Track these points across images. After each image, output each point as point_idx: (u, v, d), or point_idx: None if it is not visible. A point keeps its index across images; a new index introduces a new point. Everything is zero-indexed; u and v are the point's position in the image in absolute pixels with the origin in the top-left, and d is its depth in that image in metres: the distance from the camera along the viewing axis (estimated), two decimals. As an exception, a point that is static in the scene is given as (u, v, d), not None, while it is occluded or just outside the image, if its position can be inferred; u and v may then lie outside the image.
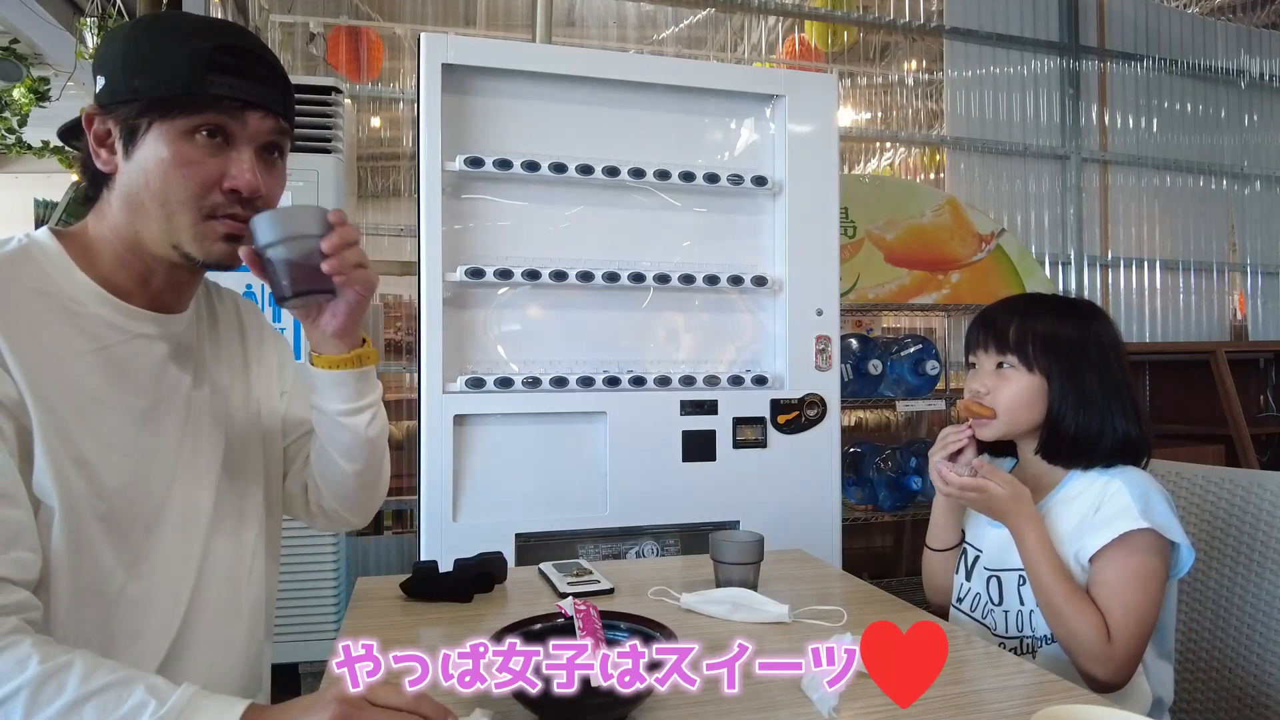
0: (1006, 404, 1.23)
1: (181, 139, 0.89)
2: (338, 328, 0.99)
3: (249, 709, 0.75)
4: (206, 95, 0.88)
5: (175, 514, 0.97)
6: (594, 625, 0.94)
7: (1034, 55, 3.99)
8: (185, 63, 0.88)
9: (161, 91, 0.88)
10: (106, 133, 0.92)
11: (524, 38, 3.49)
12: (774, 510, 2.24)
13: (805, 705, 0.92)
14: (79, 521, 0.86)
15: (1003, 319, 1.26)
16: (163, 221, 0.91)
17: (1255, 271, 4.44)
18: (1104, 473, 1.20)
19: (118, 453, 0.91)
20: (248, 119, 0.92)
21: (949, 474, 1.20)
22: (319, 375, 1.02)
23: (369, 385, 1.05)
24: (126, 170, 0.91)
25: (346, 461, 1.08)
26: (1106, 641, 1.10)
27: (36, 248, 0.91)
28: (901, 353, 3.16)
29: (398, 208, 3.38)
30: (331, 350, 1.01)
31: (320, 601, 2.47)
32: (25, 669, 0.73)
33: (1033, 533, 1.17)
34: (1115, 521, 1.13)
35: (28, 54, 3.53)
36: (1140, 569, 1.12)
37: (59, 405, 0.86)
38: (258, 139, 0.94)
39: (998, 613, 1.27)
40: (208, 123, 0.90)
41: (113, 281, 0.94)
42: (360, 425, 1.05)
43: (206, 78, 0.88)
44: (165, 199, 0.90)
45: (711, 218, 2.35)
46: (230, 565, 1.03)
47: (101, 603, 0.89)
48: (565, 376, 2.17)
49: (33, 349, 0.85)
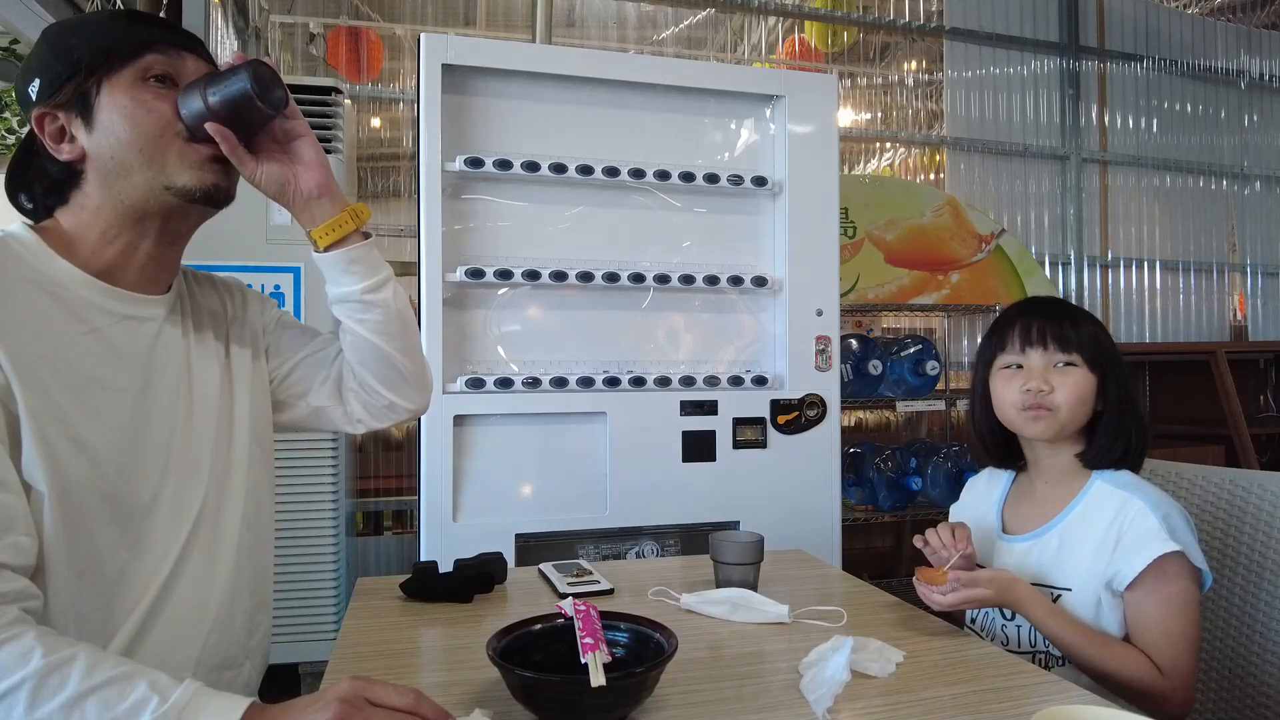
0: (1071, 400, 1.21)
1: (135, 86, 0.94)
2: (318, 180, 1.02)
3: (250, 707, 0.75)
4: (139, 40, 0.95)
5: (170, 493, 0.97)
6: (594, 626, 0.94)
7: (1034, 55, 3.99)
8: (108, 22, 0.98)
9: (99, 47, 0.93)
10: (60, 128, 0.95)
11: (524, 38, 3.49)
12: (774, 510, 2.24)
13: (804, 706, 0.92)
14: (76, 503, 0.86)
15: (1055, 319, 1.25)
16: (147, 167, 0.94)
17: (1255, 272, 4.44)
18: (1121, 488, 1.20)
19: (116, 432, 0.92)
20: (186, 60, 0.98)
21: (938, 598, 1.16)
22: (330, 261, 1.05)
23: (379, 260, 1.09)
24: (94, 142, 0.94)
25: (386, 341, 1.10)
26: (1159, 676, 1.10)
27: (15, 240, 0.92)
28: (901, 353, 3.16)
29: (398, 208, 3.38)
30: (326, 214, 1.04)
31: (320, 601, 2.47)
32: (28, 662, 0.72)
33: (1037, 610, 1.15)
34: (1148, 545, 1.12)
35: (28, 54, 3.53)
36: (1178, 596, 1.11)
37: (52, 388, 0.86)
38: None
39: (1011, 627, 1.26)
40: (153, 66, 0.95)
41: (97, 264, 0.95)
42: (388, 298, 1.08)
43: (133, 28, 0.97)
44: (142, 143, 0.93)
45: (711, 218, 2.35)
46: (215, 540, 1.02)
47: (101, 583, 0.89)
48: (565, 377, 2.17)
49: (19, 334, 0.85)
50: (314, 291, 2.44)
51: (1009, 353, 1.27)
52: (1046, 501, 1.28)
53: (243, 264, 2.36)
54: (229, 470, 1.05)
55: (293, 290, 2.43)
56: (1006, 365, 1.27)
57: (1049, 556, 1.23)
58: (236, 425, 1.08)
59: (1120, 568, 1.14)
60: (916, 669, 1.04)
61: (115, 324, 0.95)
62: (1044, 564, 1.23)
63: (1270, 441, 3.93)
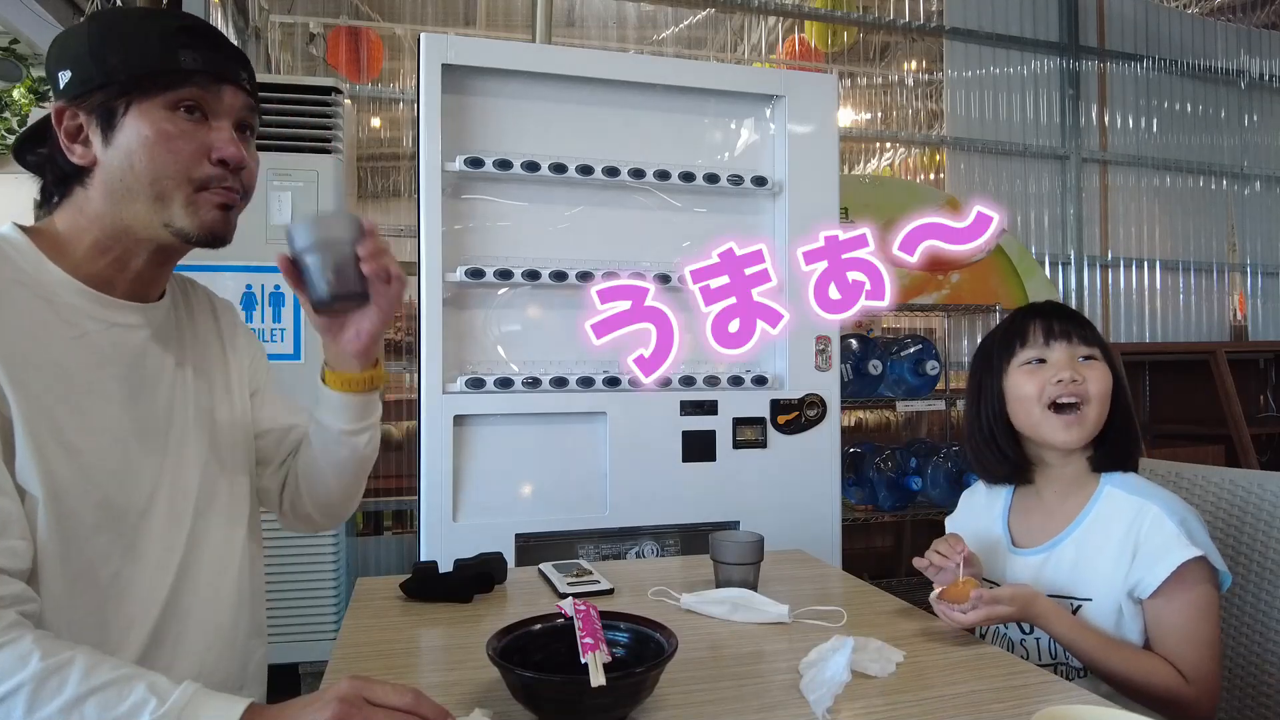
0: (1101, 392, 1.21)
1: (163, 116, 0.91)
2: (360, 347, 1.02)
3: (249, 708, 0.75)
4: (181, 70, 0.91)
5: (164, 500, 0.97)
6: (594, 626, 0.94)
7: (1034, 55, 3.99)
8: (156, 39, 0.91)
9: (137, 68, 0.90)
10: (79, 127, 0.92)
11: (524, 38, 3.49)
12: (774, 510, 2.24)
13: (804, 706, 0.92)
14: (68, 508, 0.86)
15: (1071, 318, 1.25)
16: (153, 201, 0.92)
17: (1255, 272, 4.44)
18: (1133, 493, 1.19)
19: (107, 438, 0.91)
20: (223, 93, 0.95)
21: (959, 616, 1.14)
22: (330, 394, 1.06)
23: (374, 405, 1.10)
24: (108, 157, 0.91)
25: (336, 475, 1.13)
26: (1184, 683, 1.09)
27: (6, 243, 0.91)
28: (901, 353, 3.16)
29: (398, 208, 3.38)
30: (347, 368, 1.05)
31: (320, 602, 2.47)
32: (26, 665, 0.72)
33: (1059, 624, 1.13)
34: (1170, 553, 1.11)
35: (28, 54, 3.52)
36: (1200, 601, 1.11)
37: (43, 392, 0.85)
38: (233, 114, 0.96)
39: (1030, 640, 1.25)
40: (187, 97, 0.92)
41: (87, 272, 0.94)
42: (361, 444, 1.11)
43: (179, 53, 0.91)
44: (155, 177, 0.91)
45: (711, 218, 2.35)
46: (217, 552, 1.03)
47: (94, 590, 0.89)
48: (565, 377, 2.17)
49: (12, 337, 0.84)
50: (314, 291, 2.43)
51: (1031, 347, 1.25)
52: (1056, 512, 1.26)
53: (243, 264, 2.34)
54: (221, 478, 1.05)
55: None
56: (1028, 361, 1.25)
57: (1066, 568, 1.22)
58: (227, 435, 1.08)
59: (1142, 576, 1.12)
60: (916, 669, 1.04)
61: (105, 330, 0.94)
62: (1061, 576, 1.22)
63: (1270, 441, 3.93)
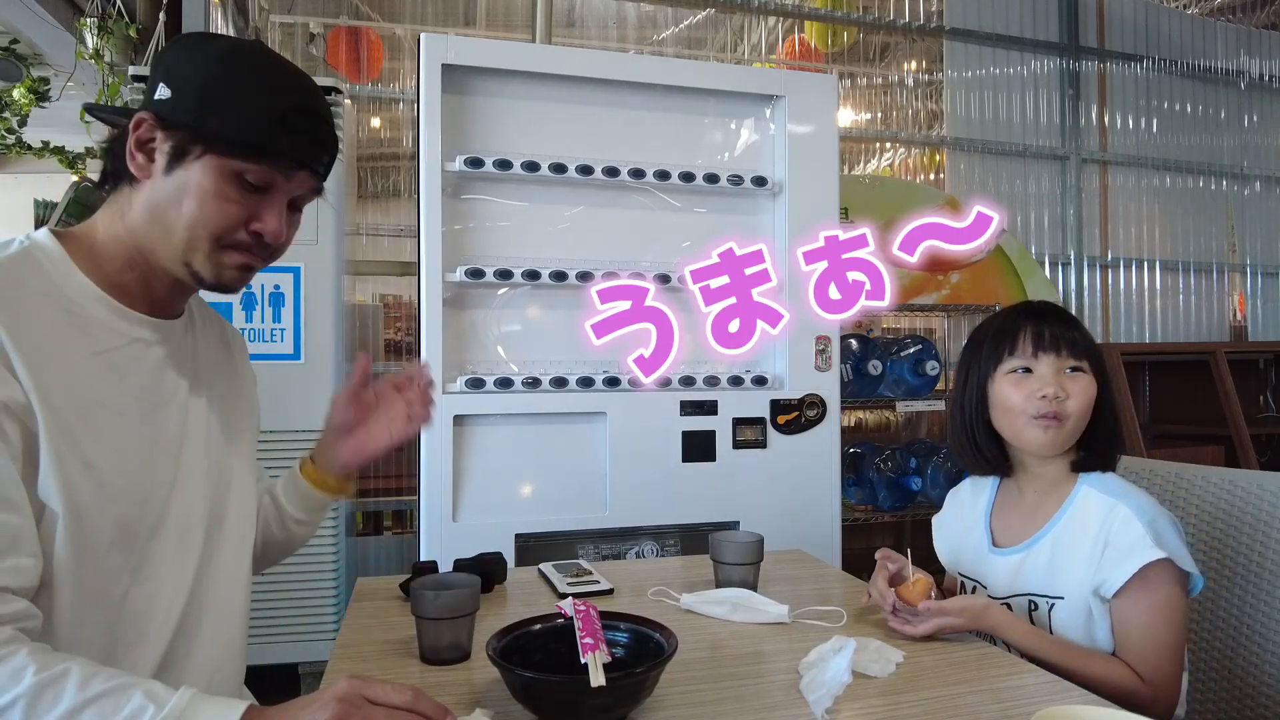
0: (1081, 409, 1.21)
1: (227, 178, 0.91)
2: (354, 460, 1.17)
3: (248, 709, 0.75)
4: (269, 153, 0.91)
5: (175, 519, 0.97)
6: (594, 626, 0.94)
7: (1034, 56, 3.99)
8: (264, 117, 0.91)
9: (232, 137, 0.89)
10: (151, 139, 0.91)
11: (524, 38, 3.49)
12: (774, 510, 2.24)
13: (803, 706, 0.92)
14: (86, 526, 0.85)
15: (1063, 324, 1.25)
16: (182, 243, 0.92)
17: (1255, 272, 4.43)
18: (1107, 493, 1.20)
19: (122, 455, 0.91)
20: (295, 176, 0.95)
21: (909, 629, 1.16)
22: (294, 484, 1.17)
23: (329, 506, 1.22)
24: (161, 184, 0.91)
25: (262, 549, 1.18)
26: (1140, 684, 1.10)
27: (38, 249, 0.91)
28: (901, 353, 3.16)
29: (398, 208, 3.38)
30: (328, 468, 1.17)
31: (320, 601, 2.47)
32: (21, 680, 0.72)
33: (1014, 632, 1.15)
34: (1134, 554, 1.12)
35: (28, 54, 3.53)
36: (1163, 602, 1.12)
37: (64, 408, 0.85)
38: (294, 193, 0.97)
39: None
40: (256, 174, 0.92)
41: (115, 283, 0.94)
42: (300, 533, 1.21)
43: (279, 139, 0.92)
44: (192, 224, 0.91)
45: (711, 218, 2.35)
46: (228, 572, 1.04)
47: (105, 607, 0.89)
48: (565, 377, 2.17)
49: (38, 351, 0.84)
50: (314, 290, 2.44)
51: (1018, 357, 1.25)
52: (1036, 511, 1.27)
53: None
54: (230, 498, 1.06)
55: (292, 290, 2.43)
56: (1013, 369, 1.25)
57: (1042, 566, 1.23)
58: (234, 457, 1.08)
59: (1107, 575, 1.14)
60: (916, 669, 1.04)
61: (123, 346, 0.94)
62: (1037, 575, 1.23)
63: (1270, 441, 3.93)
